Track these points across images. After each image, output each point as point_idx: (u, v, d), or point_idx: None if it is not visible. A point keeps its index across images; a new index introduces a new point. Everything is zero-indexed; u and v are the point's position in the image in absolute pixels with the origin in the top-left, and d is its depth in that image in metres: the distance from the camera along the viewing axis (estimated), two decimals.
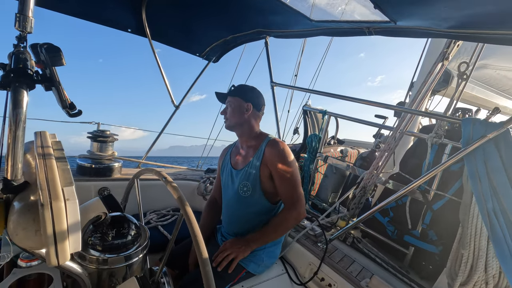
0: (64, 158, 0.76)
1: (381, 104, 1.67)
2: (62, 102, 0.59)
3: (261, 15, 1.87)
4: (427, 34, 1.23)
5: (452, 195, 1.60)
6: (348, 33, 1.55)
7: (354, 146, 3.44)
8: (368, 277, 1.40)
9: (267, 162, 1.39)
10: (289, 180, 1.38)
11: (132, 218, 0.97)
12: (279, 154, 1.38)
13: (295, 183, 1.39)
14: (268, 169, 1.39)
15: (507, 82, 2.86)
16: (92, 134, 2.04)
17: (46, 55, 0.55)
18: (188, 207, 0.79)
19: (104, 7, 1.84)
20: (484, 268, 1.36)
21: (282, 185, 1.39)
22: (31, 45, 0.62)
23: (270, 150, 1.40)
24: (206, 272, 0.69)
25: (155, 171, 1.05)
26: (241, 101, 1.46)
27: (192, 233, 0.74)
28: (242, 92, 1.47)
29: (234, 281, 1.33)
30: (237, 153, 1.57)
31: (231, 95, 1.47)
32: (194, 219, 0.76)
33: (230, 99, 1.47)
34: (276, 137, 1.50)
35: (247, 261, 1.37)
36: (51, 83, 0.57)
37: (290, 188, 1.39)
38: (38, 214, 0.55)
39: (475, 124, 1.12)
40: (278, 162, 1.37)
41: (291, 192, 1.38)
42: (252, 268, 1.39)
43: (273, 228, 1.38)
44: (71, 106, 0.61)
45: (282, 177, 1.38)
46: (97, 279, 0.83)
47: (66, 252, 0.56)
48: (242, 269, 1.36)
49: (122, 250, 0.86)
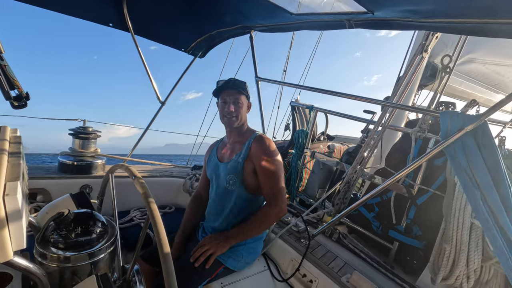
0: (19, 153, 0.73)
1: (365, 99, 1.65)
2: (4, 92, 0.56)
3: (244, 10, 1.85)
4: (406, 25, 1.21)
5: (435, 190, 1.59)
6: (329, 26, 1.52)
7: (345, 142, 3.42)
8: (350, 273, 1.39)
9: (252, 157, 1.39)
10: (271, 176, 1.38)
11: (99, 216, 0.94)
12: (264, 149, 1.39)
13: (278, 179, 1.38)
14: (252, 163, 1.39)
15: (496, 77, 2.85)
16: (74, 131, 2.00)
17: None
18: (154, 204, 0.78)
19: (84, 0, 1.80)
20: (466, 263, 1.35)
21: (264, 180, 1.39)
22: None
23: (256, 146, 1.40)
24: (168, 269, 0.68)
25: (125, 167, 1.02)
26: (246, 100, 1.48)
27: (155, 232, 0.73)
28: (246, 90, 1.47)
29: (211, 277, 1.32)
30: (223, 147, 1.57)
31: (242, 92, 1.45)
32: (159, 217, 0.75)
33: (240, 96, 1.44)
34: (263, 133, 1.50)
35: (225, 256, 1.36)
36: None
37: (272, 184, 1.38)
38: None
39: (453, 117, 1.11)
40: (262, 158, 1.37)
41: (272, 188, 1.38)
42: (230, 263, 1.37)
43: (254, 223, 1.37)
44: (17, 97, 0.58)
45: (265, 173, 1.37)
46: (59, 278, 0.80)
47: (7, 249, 0.53)
48: (220, 265, 1.35)
49: (86, 248, 0.83)
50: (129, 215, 1.98)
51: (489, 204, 1.14)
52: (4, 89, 0.56)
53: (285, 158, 2.61)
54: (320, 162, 2.25)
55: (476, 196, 1.15)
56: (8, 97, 0.56)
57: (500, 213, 1.10)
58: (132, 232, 1.83)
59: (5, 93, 0.56)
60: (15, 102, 0.58)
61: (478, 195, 1.15)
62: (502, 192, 1.11)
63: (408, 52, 2.33)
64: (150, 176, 2.29)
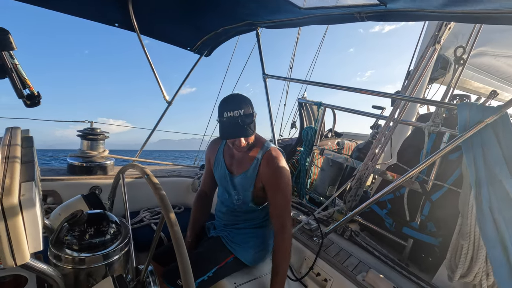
0: (32, 155, 0.72)
1: (375, 92, 1.62)
2: (17, 91, 0.54)
3: (251, 7, 1.82)
4: (419, 16, 1.18)
5: (451, 185, 1.55)
6: (339, 20, 1.49)
7: (353, 139, 3.38)
8: (365, 271, 1.36)
9: (261, 177, 1.37)
10: (281, 198, 1.35)
11: (112, 216, 0.93)
12: (274, 170, 1.34)
13: (286, 202, 1.35)
14: (261, 182, 1.38)
15: (508, 69, 2.78)
16: (82, 132, 2.00)
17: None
18: (169, 205, 0.78)
19: (89, 0, 1.79)
20: (485, 259, 1.31)
21: (274, 202, 1.36)
22: None
23: (266, 165, 1.35)
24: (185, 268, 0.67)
25: (137, 167, 1.01)
26: (252, 125, 1.31)
27: (172, 234, 0.71)
28: (250, 116, 1.28)
29: (220, 264, 1.34)
30: (231, 154, 1.49)
31: (248, 134, 1.29)
32: (175, 218, 0.73)
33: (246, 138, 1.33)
34: (272, 146, 1.41)
35: (236, 246, 1.40)
36: (3, 71, 0.52)
37: (282, 209, 1.35)
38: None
39: (472, 109, 1.07)
40: (273, 179, 1.35)
41: (282, 211, 1.35)
42: (241, 254, 1.39)
43: (281, 261, 1.32)
44: (29, 96, 0.57)
45: (275, 195, 1.35)
46: (74, 279, 0.79)
47: (24, 252, 0.52)
48: (230, 254, 1.38)
49: (100, 249, 0.82)
50: (139, 215, 1.97)
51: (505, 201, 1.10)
52: (17, 87, 0.54)
53: (293, 156, 2.58)
54: (330, 159, 2.21)
55: (484, 194, 1.11)
56: (21, 95, 0.55)
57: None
58: (143, 233, 1.82)
59: (18, 92, 0.55)
60: (27, 101, 0.57)
61: (485, 193, 1.11)
62: None
63: (418, 44, 2.28)
64: (158, 176, 2.28)
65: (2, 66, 0.52)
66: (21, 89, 0.55)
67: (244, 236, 1.45)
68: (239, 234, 1.45)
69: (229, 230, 1.49)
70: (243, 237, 1.44)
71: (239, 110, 1.23)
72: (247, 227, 1.48)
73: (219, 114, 1.27)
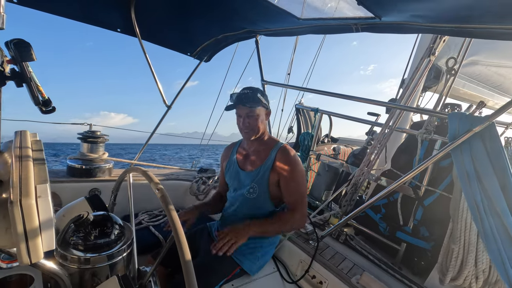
0: (42, 158, 0.75)
1: (371, 101, 1.67)
2: (34, 98, 0.58)
3: (251, 15, 1.87)
4: (413, 29, 1.24)
5: (442, 191, 1.61)
6: (336, 30, 1.55)
7: (348, 144, 3.44)
8: (359, 274, 1.40)
9: (276, 169, 1.39)
10: (296, 187, 1.39)
11: (116, 218, 0.96)
12: (289, 161, 1.39)
13: (303, 190, 1.40)
14: (277, 176, 1.40)
15: (498, 78, 2.88)
16: (82, 135, 2.02)
17: (16, 51, 0.54)
18: (172, 206, 0.79)
19: (91, 6, 1.83)
20: (474, 263, 1.36)
21: (288, 191, 1.39)
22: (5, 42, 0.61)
23: (281, 158, 1.40)
24: (188, 270, 0.69)
25: (140, 170, 1.04)
26: (263, 109, 1.43)
27: (175, 234, 0.73)
28: (262, 101, 1.41)
29: (228, 277, 1.33)
30: (244, 154, 1.56)
31: (258, 105, 1.40)
32: (177, 220, 0.75)
33: (254, 109, 1.40)
34: (286, 144, 1.49)
35: (242, 257, 1.38)
36: (22, 79, 0.56)
37: (296, 194, 1.39)
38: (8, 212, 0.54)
39: (462, 118, 1.13)
40: (287, 171, 1.38)
41: (297, 197, 1.39)
42: (247, 266, 1.38)
43: (276, 222, 1.36)
44: (45, 102, 0.60)
45: (290, 185, 1.38)
46: (79, 279, 0.82)
47: (38, 250, 0.55)
48: (237, 266, 1.37)
49: (105, 249, 0.85)
50: (137, 218, 1.99)
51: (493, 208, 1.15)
52: (34, 95, 0.58)
53: None
54: (326, 164, 2.26)
55: (476, 199, 1.16)
56: (37, 102, 0.59)
57: (505, 216, 1.11)
58: (141, 235, 1.84)
59: (35, 99, 0.58)
60: (43, 108, 0.60)
61: (478, 199, 1.16)
62: (509, 195, 1.12)
63: (412, 54, 2.36)
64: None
65: (21, 75, 0.56)
66: (38, 96, 0.59)
67: (249, 247, 1.42)
68: (244, 246, 1.38)
69: None
70: (248, 248, 1.41)
71: (256, 91, 1.41)
72: (250, 238, 1.44)
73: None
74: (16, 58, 0.55)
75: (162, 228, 1.69)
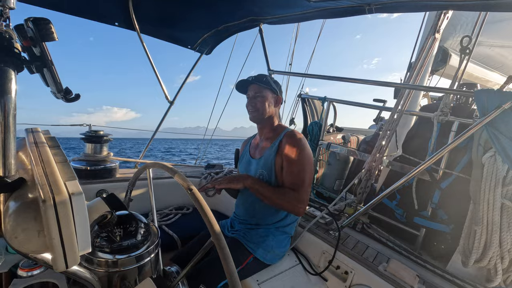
0: (62, 154, 0.69)
1: (380, 82, 1.63)
2: (57, 85, 0.51)
3: (257, 1, 1.80)
4: (425, 6, 1.19)
5: (459, 172, 1.58)
6: (348, 12, 1.49)
7: (354, 133, 3.41)
8: (385, 261, 1.37)
9: (281, 152, 1.36)
10: (297, 172, 1.32)
11: (140, 216, 0.90)
12: (294, 143, 1.35)
13: (303, 177, 1.31)
14: (281, 159, 1.36)
15: (500, 59, 2.87)
16: (85, 136, 1.94)
17: (35, 29, 0.47)
18: (199, 194, 0.75)
19: (89, 0, 1.74)
20: (498, 243, 1.34)
21: (287, 173, 1.33)
22: (16, 26, 0.54)
23: (287, 140, 1.37)
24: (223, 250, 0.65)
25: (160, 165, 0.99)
26: (271, 93, 1.44)
27: (206, 221, 0.68)
28: (271, 84, 1.43)
29: (242, 265, 1.30)
30: (256, 143, 1.58)
31: (264, 85, 1.41)
32: (215, 222, 0.70)
33: (261, 89, 1.41)
34: (295, 129, 1.47)
35: (254, 246, 1.36)
36: (43, 63, 0.49)
37: (295, 180, 1.31)
38: (39, 212, 0.48)
39: (490, 94, 1.09)
40: (291, 152, 1.34)
41: (294, 182, 1.31)
42: (260, 254, 1.35)
43: (276, 191, 1.30)
44: (66, 90, 0.54)
45: (291, 167, 1.32)
46: (107, 283, 0.76)
47: (75, 254, 0.49)
48: (249, 254, 1.34)
49: (133, 250, 0.79)
50: (147, 218, 1.92)
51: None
52: (57, 81, 0.51)
53: None
54: (336, 153, 2.22)
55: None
56: (60, 89, 0.52)
57: None
58: None
59: (58, 86, 0.52)
60: (67, 95, 0.54)
61: None
62: None
63: (419, 35, 2.32)
64: (165, 178, 2.24)
65: (42, 58, 0.49)
66: (61, 82, 0.52)
67: (261, 235, 1.41)
68: (255, 235, 1.42)
69: (245, 230, 1.46)
70: (259, 236, 1.41)
71: (268, 76, 1.45)
72: (261, 226, 1.44)
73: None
74: (36, 39, 0.47)
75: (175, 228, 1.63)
